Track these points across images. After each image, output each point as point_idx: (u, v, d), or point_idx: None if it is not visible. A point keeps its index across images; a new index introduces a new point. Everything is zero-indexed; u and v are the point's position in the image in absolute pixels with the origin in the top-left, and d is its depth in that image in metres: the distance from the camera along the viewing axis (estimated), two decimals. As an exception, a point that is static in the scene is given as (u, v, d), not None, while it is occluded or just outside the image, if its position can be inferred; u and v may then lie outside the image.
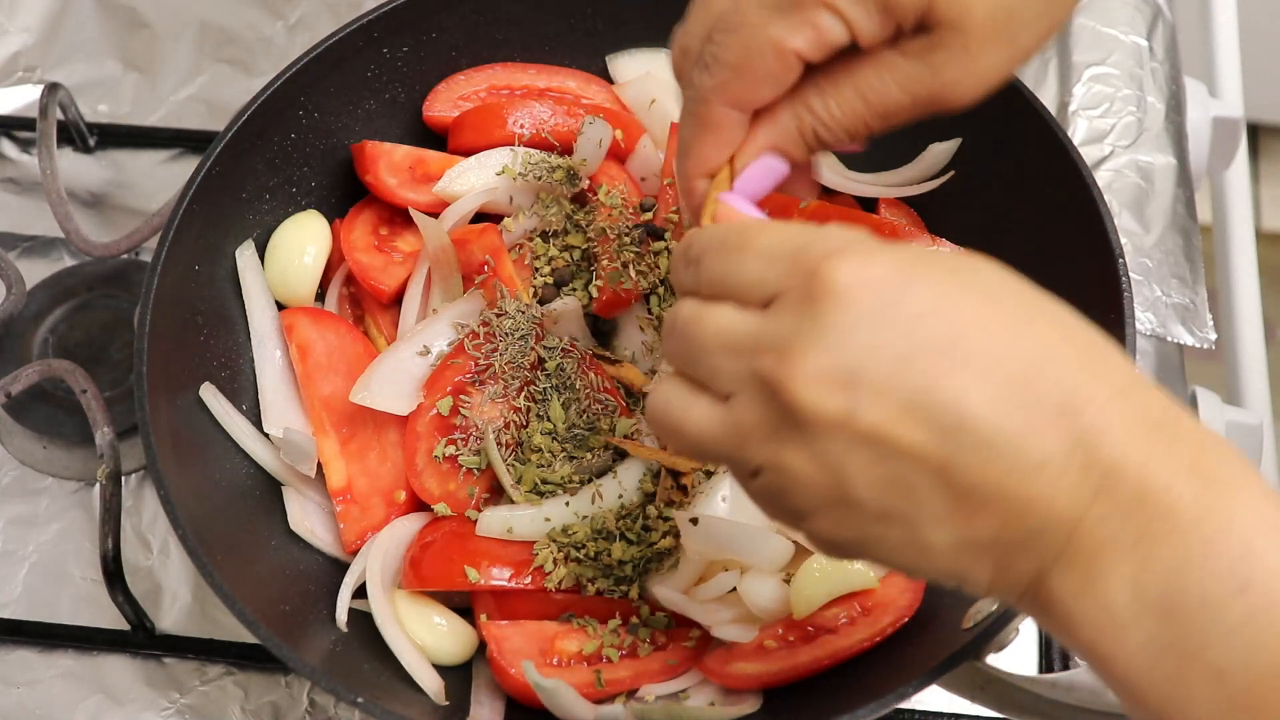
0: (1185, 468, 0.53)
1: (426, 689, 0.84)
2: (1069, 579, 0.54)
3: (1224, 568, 0.52)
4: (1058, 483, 0.53)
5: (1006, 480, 0.53)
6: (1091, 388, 0.54)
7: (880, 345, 0.54)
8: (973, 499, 0.54)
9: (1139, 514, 0.53)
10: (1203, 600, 0.52)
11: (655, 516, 0.87)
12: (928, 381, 0.53)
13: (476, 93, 1.03)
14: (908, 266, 0.55)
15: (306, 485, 0.92)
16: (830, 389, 0.54)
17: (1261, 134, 2.39)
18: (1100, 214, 0.87)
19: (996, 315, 0.55)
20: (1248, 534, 0.52)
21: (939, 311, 0.54)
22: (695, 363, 0.60)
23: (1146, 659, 0.53)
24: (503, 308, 0.93)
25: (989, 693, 0.77)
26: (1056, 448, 0.53)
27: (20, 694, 0.94)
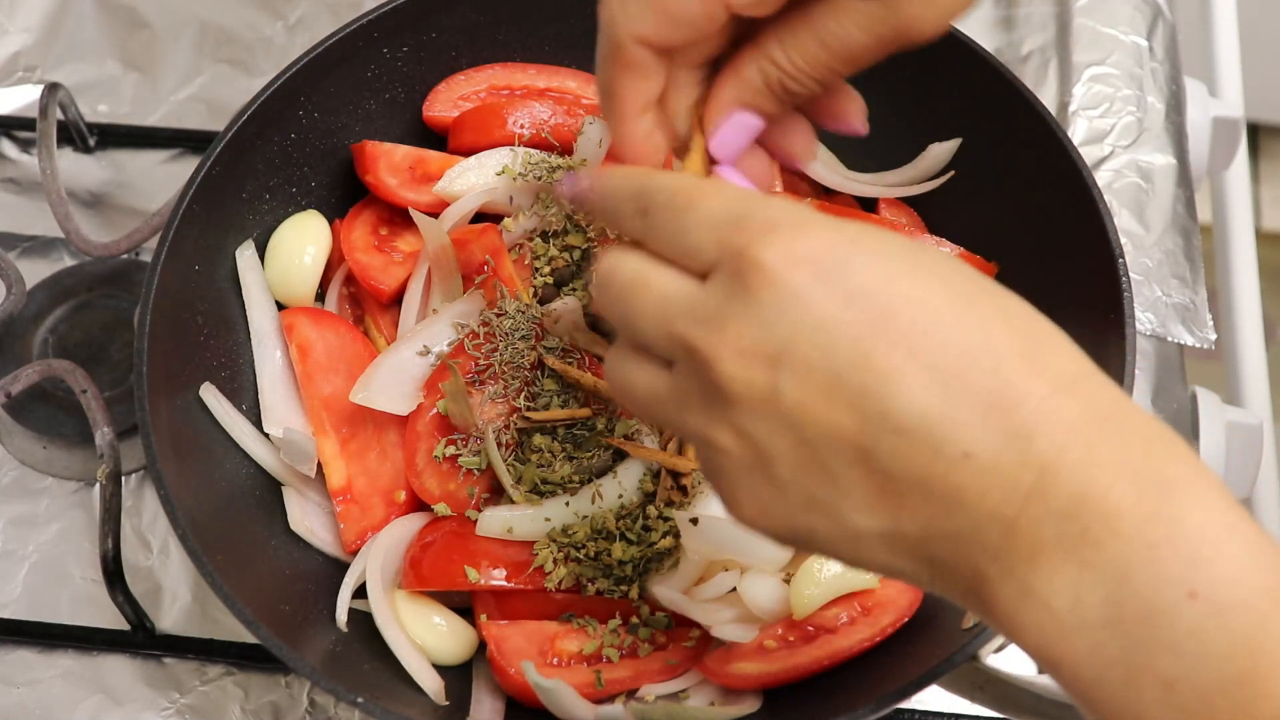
0: (1131, 467, 0.50)
1: (426, 689, 0.84)
2: (1008, 582, 0.51)
3: (1170, 574, 0.49)
4: (988, 477, 0.51)
5: (930, 469, 0.51)
6: (1031, 380, 0.51)
7: (808, 323, 0.52)
8: (897, 488, 0.52)
9: (1078, 517, 0.50)
10: (1149, 609, 0.49)
11: (655, 516, 0.87)
12: (854, 362, 0.52)
13: (476, 93, 1.03)
14: (844, 244, 0.54)
15: (306, 485, 0.92)
16: (754, 365, 0.53)
17: (1261, 134, 2.39)
18: (1100, 214, 0.87)
19: (936, 298, 0.53)
20: (1196, 538, 0.49)
21: (872, 290, 0.53)
22: (632, 328, 0.59)
23: (1094, 668, 0.50)
24: (503, 308, 0.93)
25: (989, 692, 0.77)
26: (987, 440, 0.51)
27: (20, 694, 0.94)
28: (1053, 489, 0.50)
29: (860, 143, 1.03)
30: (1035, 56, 1.18)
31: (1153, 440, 0.51)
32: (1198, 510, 0.50)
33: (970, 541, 0.52)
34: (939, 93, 0.98)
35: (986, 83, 0.94)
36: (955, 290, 0.53)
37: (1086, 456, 0.50)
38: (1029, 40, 1.19)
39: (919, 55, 0.98)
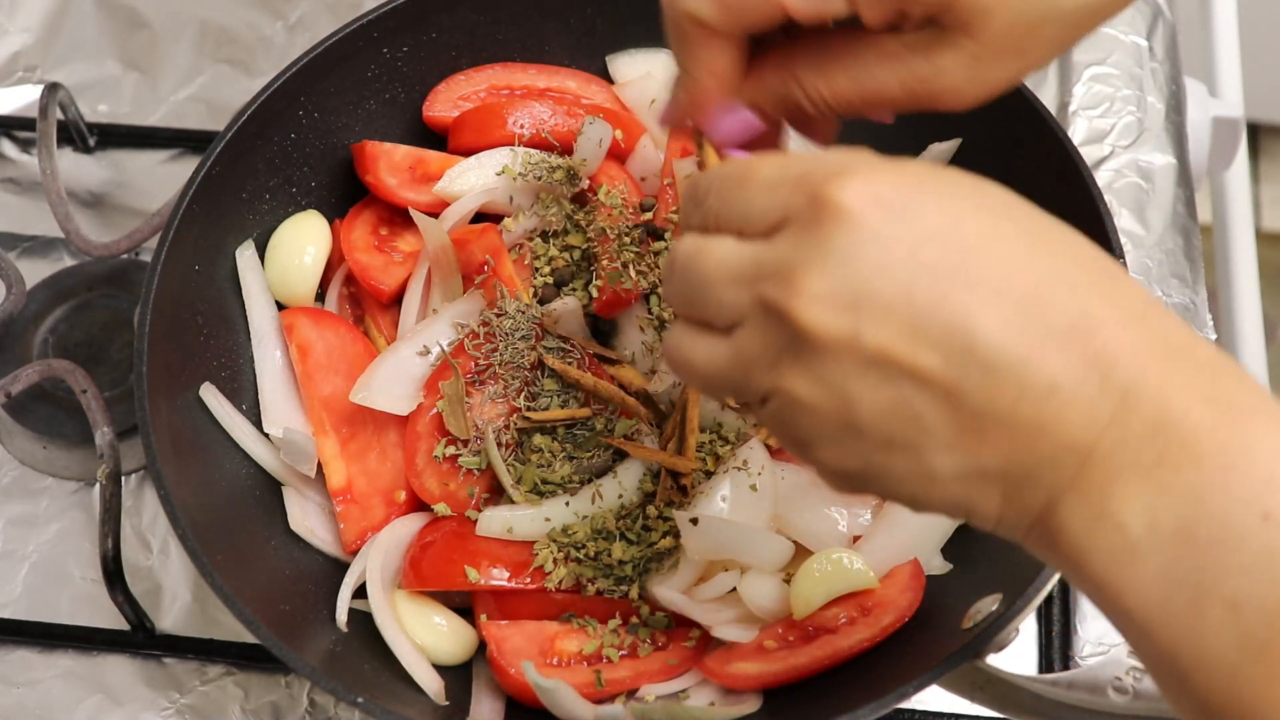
0: (1204, 394, 0.51)
1: (426, 689, 0.84)
2: (1081, 507, 0.52)
3: (1245, 496, 0.50)
4: (1071, 406, 0.51)
5: (1017, 405, 0.52)
6: (1105, 310, 0.52)
7: (886, 265, 0.52)
8: (981, 424, 0.52)
9: (1157, 439, 0.51)
10: (1222, 529, 0.50)
11: (655, 516, 0.87)
12: (935, 302, 0.52)
13: (476, 93, 1.03)
14: (915, 184, 0.54)
15: (306, 485, 0.92)
16: (835, 310, 0.53)
17: (1261, 134, 2.39)
18: (1100, 214, 0.87)
19: (1006, 235, 0.53)
20: (1270, 462, 0.50)
21: (947, 231, 0.53)
22: (696, 298, 0.58)
23: (1159, 591, 0.51)
24: (503, 308, 0.93)
25: (989, 693, 0.77)
26: (1069, 371, 0.51)
27: (20, 694, 0.94)
28: (1132, 414, 0.51)
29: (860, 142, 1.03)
30: (1040, 66, 1.18)
31: (1221, 370, 0.52)
32: (1270, 436, 0.51)
33: (1047, 472, 0.52)
34: (939, 93, 0.98)
35: (986, 83, 0.94)
36: (1023, 226, 0.54)
37: (1163, 382, 0.51)
38: (1029, 40, 1.19)
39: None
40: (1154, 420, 0.51)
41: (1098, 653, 0.92)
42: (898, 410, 0.53)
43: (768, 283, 0.55)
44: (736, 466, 0.86)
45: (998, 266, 0.52)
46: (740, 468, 0.86)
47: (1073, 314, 0.52)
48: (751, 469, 0.86)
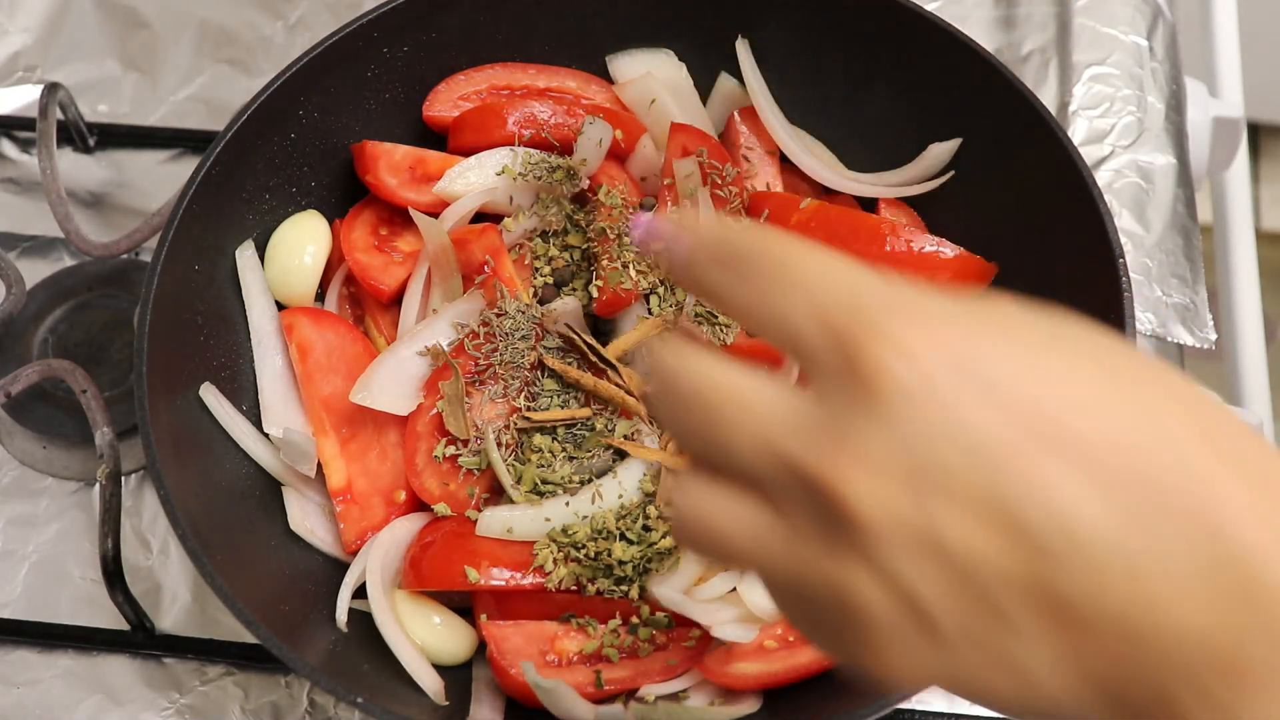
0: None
1: (426, 689, 0.84)
2: (1209, 711, 0.44)
3: None
4: (1190, 598, 0.43)
5: (1123, 597, 0.43)
6: (1222, 474, 0.43)
7: (956, 434, 0.43)
8: (1082, 625, 0.43)
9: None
10: None
11: (655, 516, 0.87)
12: (1009, 475, 0.43)
13: (476, 93, 1.03)
14: (975, 329, 0.45)
15: (306, 485, 0.92)
16: (894, 490, 0.44)
17: (1261, 134, 2.39)
18: (1100, 214, 0.87)
19: (1092, 384, 0.44)
20: None
21: (1018, 384, 0.44)
22: (717, 449, 0.48)
23: None
24: (503, 308, 0.93)
25: (989, 693, 0.76)
26: (1185, 554, 0.43)
27: (20, 694, 0.94)
28: (1268, 609, 0.43)
29: (860, 143, 1.04)
30: (1035, 56, 1.18)
31: None
32: None
33: (1165, 671, 0.44)
34: (939, 93, 0.98)
35: (986, 83, 0.94)
36: (1114, 373, 0.45)
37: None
38: (1029, 40, 1.19)
39: (919, 55, 0.99)
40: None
41: (1098, 653, 0.92)
42: (982, 613, 0.44)
43: (815, 447, 0.45)
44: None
45: (1085, 424, 0.43)
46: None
47: (1182, 482, 0.43)
48: (752, 469, 0.86)
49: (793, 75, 1.03)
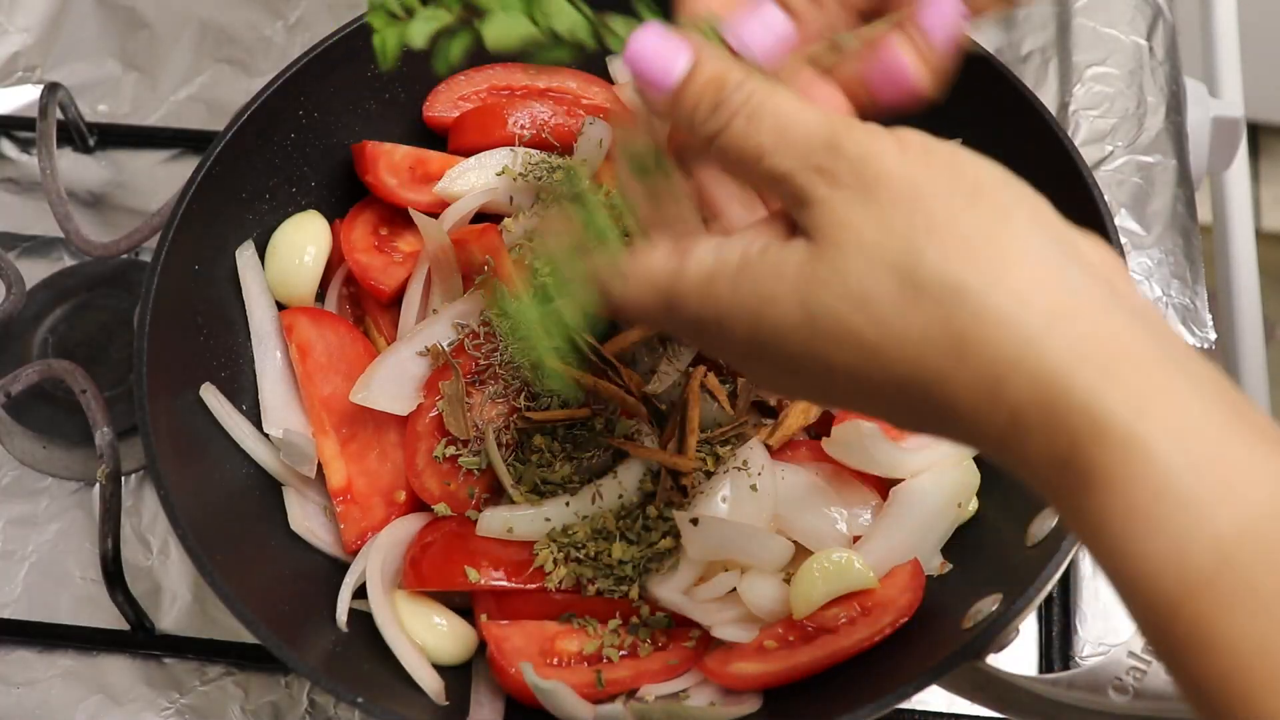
0: (1061, 461, 0.51)
1: (427, 689, 0.84)
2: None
3: (1103, 564, 0.50)
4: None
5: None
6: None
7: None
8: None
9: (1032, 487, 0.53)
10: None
11: (655, 517, 0.87)
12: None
13: (477, 93, 1.03)
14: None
15: (307, 485, 0.92)
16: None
17: (1261, 134, 2.39)
18: (1100, 214, 0.87)
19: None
20: (1121, 540, 0.49)
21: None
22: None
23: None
24: (503, 308, 0.93)
25: (989, 692, 0.77)
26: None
27: (20, 694, 0.94)
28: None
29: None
30: (1035, 56, 1.18)
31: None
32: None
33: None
34: (939, 92, 0.98)
35: (986, 83, 0.94)
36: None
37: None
38: (1029, 40, 1.19)
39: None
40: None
41: (1098, 653, 0.92)
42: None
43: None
44: (736, 466, 0.86)
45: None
46: (740, 468, 0.86)
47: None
48: (751, 469, 0.86)
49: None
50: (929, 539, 0.87)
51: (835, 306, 0.54)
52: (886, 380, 0.54)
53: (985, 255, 0.52)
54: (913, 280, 0.52)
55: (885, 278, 0.53)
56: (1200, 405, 0.50)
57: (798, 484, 0.88)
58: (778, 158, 0.56)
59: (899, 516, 0.87)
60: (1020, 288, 0.52)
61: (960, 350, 0.52)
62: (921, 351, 0.52)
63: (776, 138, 0.56)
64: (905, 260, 0.53)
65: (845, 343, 0.54)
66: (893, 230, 0.53)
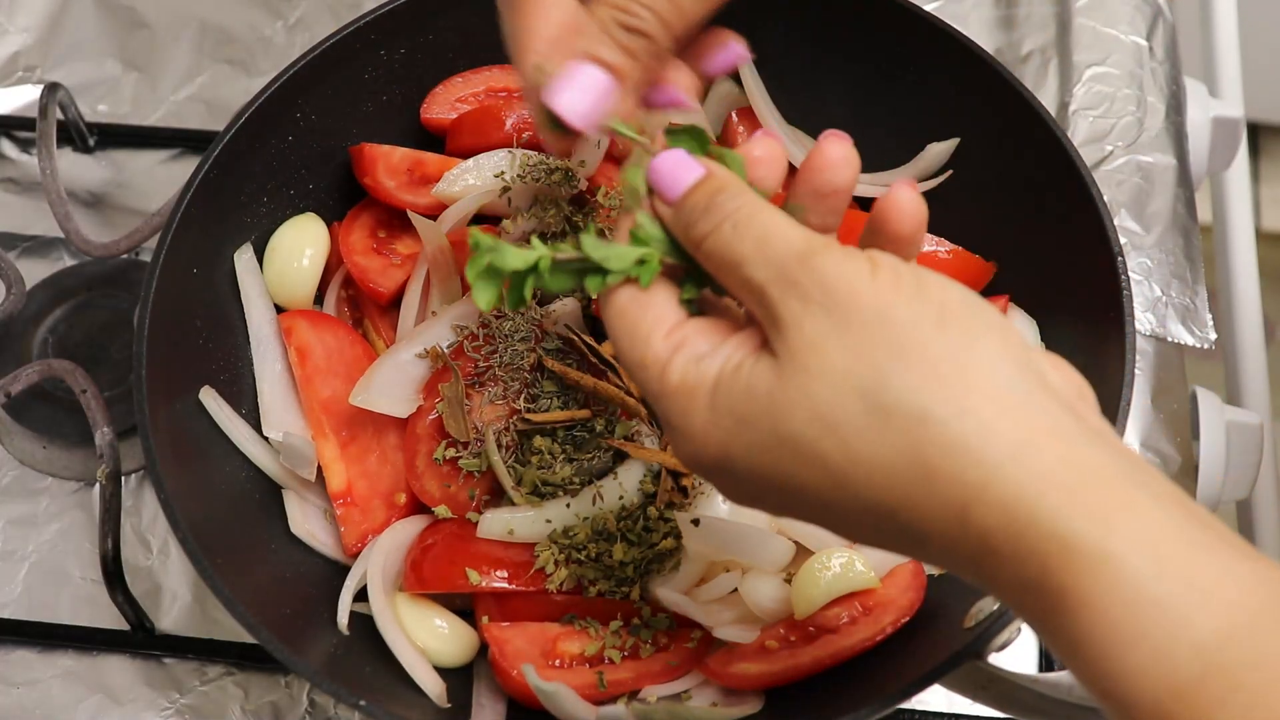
0: (1034, 584, 0.52)
1: (428, 691, 0.84)
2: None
3: (1083, 680, 0.52)
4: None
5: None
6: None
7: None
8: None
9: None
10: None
11: (656, 518, 0.87)
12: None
13: (475, 95, 1.03)
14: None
15: (307, 488, 0.92)
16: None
17: (1261, 134, 2.39)
18: (1100, 214, 0.87)
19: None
20: (1099, 654, 0.50)
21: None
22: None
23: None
24: (502, 310, 0.93)
25: (991, 692, 0.77)
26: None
27: (20, 694, 0.94)
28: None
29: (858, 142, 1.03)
30: (1035, 56, 1.18)
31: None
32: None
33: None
34: (938, 92, 0.98)
35: (986, 82, 0.94)
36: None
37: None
38: (1029, 40, 1.19)
39: (917, 54, 0.99)
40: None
41: (1098, 653, 0.92)
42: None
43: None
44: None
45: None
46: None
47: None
48: (752, 469, 0.86)
49: (790, 76, 1.03)
50: (930, 539, 0.87)
51: (803, 431, 0.55)
52: (855, 503, 0.55)
53: (951, 382, 0.53)
54: (879, 407, 0.53)
55: (852, 403, 0.54)
56: (1164, 518, 0.51)
57: (798, 484, 0.88)
58: (755, 268, 0.57)
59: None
60: (986, 416, 0.52)
61: (927, 478, 0.53)
62: (888, 478, 0.53)
63: (757, 247, 0.58)
64: (871, 386, 0.53)
65: (814, 466, 0.55)
66: (859, 355, 0.54)
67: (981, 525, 0.52)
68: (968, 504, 0.52)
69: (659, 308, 0.61)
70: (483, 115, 1.01)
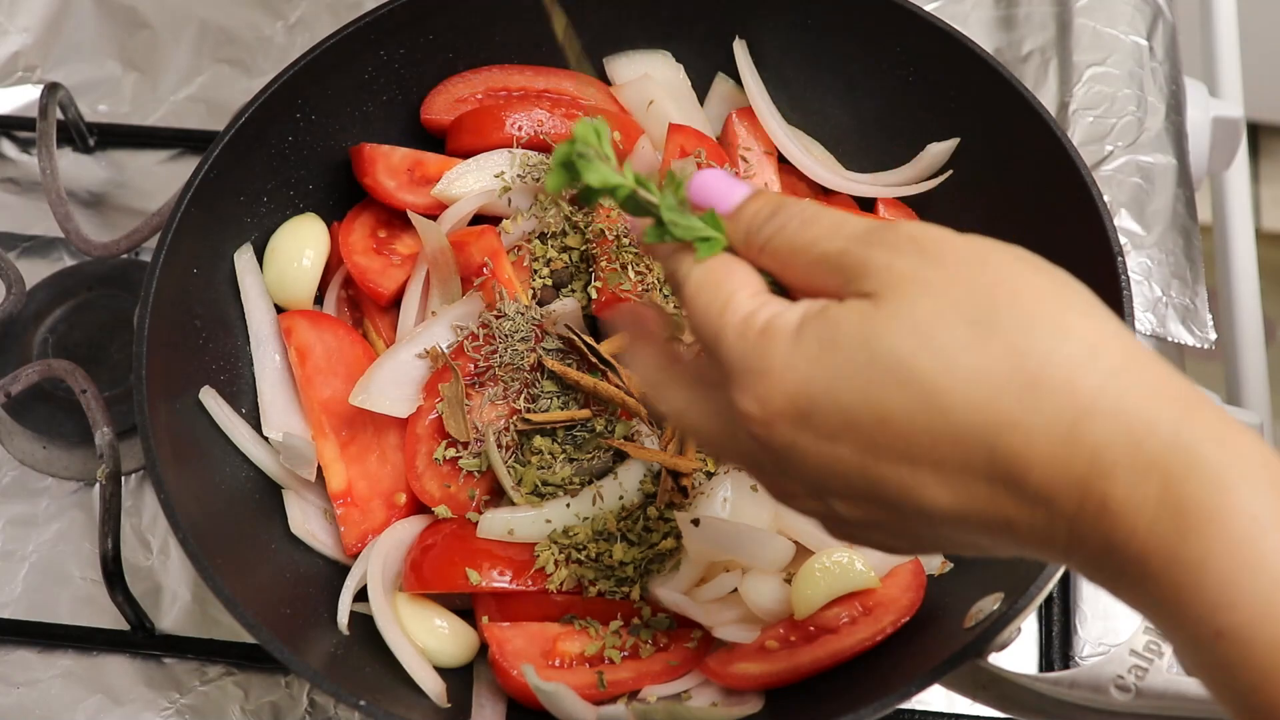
0: (1154, 501, 0.49)
1: (428, 691, 0.84)
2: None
3: (1196, 616, 0.49)
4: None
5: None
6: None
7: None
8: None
9: (1109, 563, 0.51)
10: (1181, 643, 0.51)
11: (656, 518, 0.87)
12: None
13: (474, 95, 1.03)
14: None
15: (307, 488, 0.92)
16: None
17: (1261, 134, 2.39)
18: (1100, 214, 0.87)
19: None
20: (1223, 579, 0.48)
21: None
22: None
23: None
24: (502, 309, 0.93)
25: (991, 692, 0.77)
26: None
27: (20, 694, 0.94)
28: (1080, 548, 0.52)
29: (858, 142, 1.04)
30: (1035, 56, 1.18)
31: (1173, 458, 0.50)
32: (1226, 544, 0.49)
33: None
34: (938, 92, 0.98)
35: (986, 83, 0.94)
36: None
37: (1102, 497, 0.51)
38: (1029, 40, 1.19)
39: (917, 55, 0.99)
40: (1102, 549, 0.51)
41: (1098, 653, 0.92)
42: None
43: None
44: (737, 467, 0.86)
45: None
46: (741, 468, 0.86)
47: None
48: (752, 470, 0.86)
49: (790, 76, 1.03)
50: (929, 539, 0.87)
51: (900, 345, 0.53)
52: (946, 432, 0.52)
53: (1053, 304, 0.52)
54: (985, 320, 0.52)
55: (954, 319, 0.52)
56: (1267, 446, 0.50)
57: (798, 484, 0.88)
58: (830, 241, 0.57)
59: (899, 517, 0.87)
60: (1091, 335, 0.52)
61: (1033, 388, 0.51)
62: (990, 393, 0.51)
63: (830, 229, 0.57)
64: (976, 302, 0.52)
65: (908, 385, 0.52)
66: (960, 278, 0.53)
67: (1094, 439, 0.50)
68: (1078, 418, 0.50)
69: (745, 273, 0.60)
70: (483, 115, 1.01)
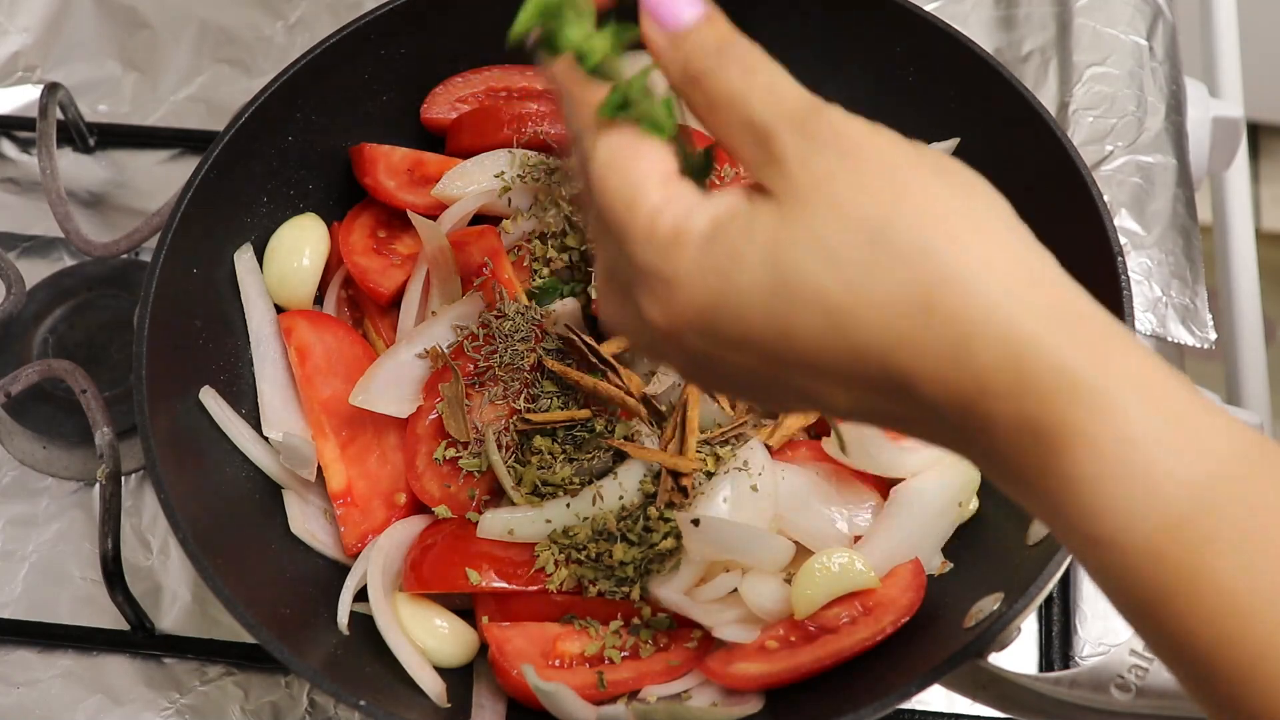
0: (1031, 420, 0.51)
1: (428, 691, 0.84)
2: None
3: (1069, 524, 0.52)
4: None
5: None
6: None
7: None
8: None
9: (993, 471, 0.54)
10: (1072, 553, 0.54)
11: (656, 518, 0.87)
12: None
13: (475, 95, 1.03)
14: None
15: (307, 488, 0.92)
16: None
17: (1261, 134, 2.39)
18: (1100, 214, 0.87)
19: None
20: (1091, 490, 0.50)
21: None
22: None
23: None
24: (502, 309, 0.93)
25: (991, 692, 0.77)
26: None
27: (20, 694, 0.94)
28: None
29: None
30: (1035, 56, 1.18)
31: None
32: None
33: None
34: (938, 92, 0.98)
35: (986, 83, 0.94)
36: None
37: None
38: (1029, 40, 1.19)
39: (917, 54, 0.99)
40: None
41: (1098, 653, 0.92)
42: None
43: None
44: (737, 467, 0.86)
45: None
46: (741, 468, 0.86)
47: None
48: (752, 469, 0.86)
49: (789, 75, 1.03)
50: (930, 538, 0.87)
51: (805, 265, 0.53)
52: (846, 349, 0.53)
53: (954, 222, 0.53)
54: (884, 240, 0.52)
55: (857, 236, 0.53)
56: (1155, 366, 0.52)
57: (798, 484, 0.88)
58: (762, 109, 0.56)
59: (900, 516, 0.87)
60: (988, 255, 0.52)
61: (926, 312, 0.52)
62: (887, 315, 0.52)
63: (766, 92, 0.57)
64: (878, 220, 0.53)
65: (811, 306, 0.53)
66: (867, 189, 0.53)
67: (980, 361, 0.51)
68: (966, 339, 0.51)
69: (656, 155, 0.58)
70: (483, 115, 1.01)
